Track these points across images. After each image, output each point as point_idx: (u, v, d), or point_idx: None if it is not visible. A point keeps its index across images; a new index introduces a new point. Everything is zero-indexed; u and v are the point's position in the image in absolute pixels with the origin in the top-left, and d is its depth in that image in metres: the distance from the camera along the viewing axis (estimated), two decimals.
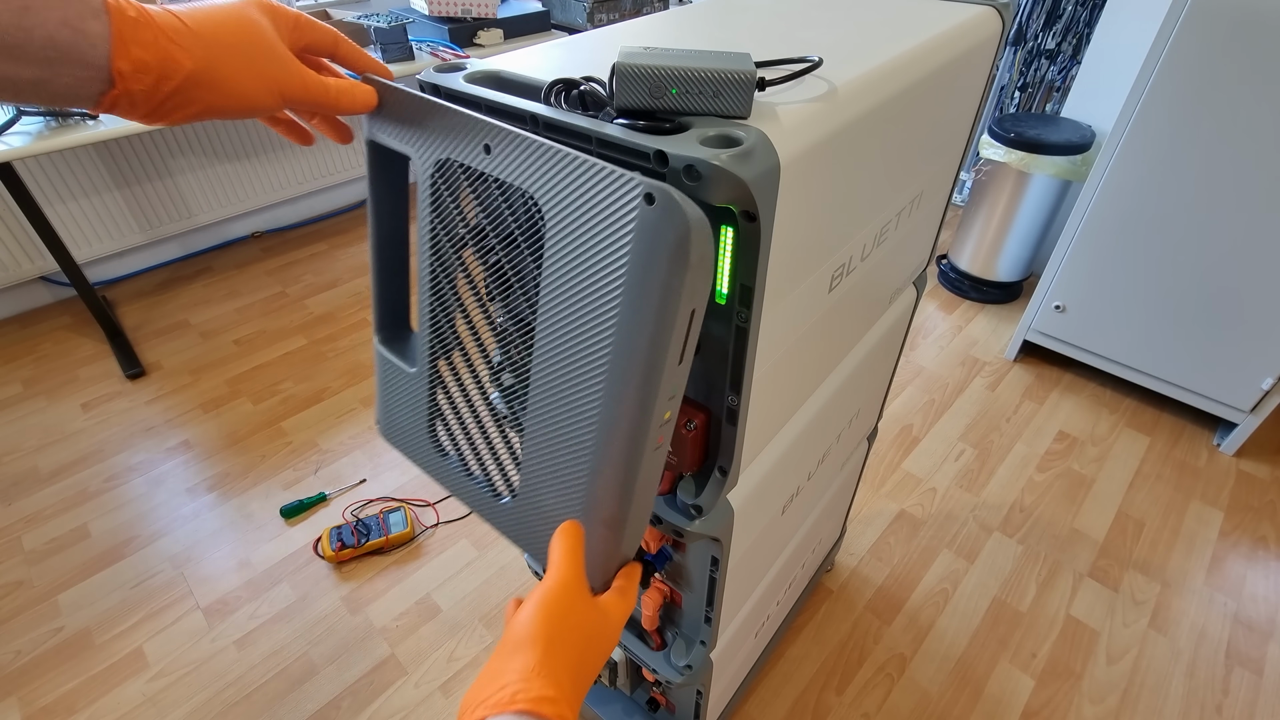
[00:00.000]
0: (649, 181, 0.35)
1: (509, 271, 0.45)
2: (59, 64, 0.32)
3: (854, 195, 0.54)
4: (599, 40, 0.57)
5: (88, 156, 2.06)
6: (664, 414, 0.41)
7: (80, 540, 1.46)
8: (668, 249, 0.35)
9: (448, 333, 0.51)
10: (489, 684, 0.37)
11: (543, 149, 0.38)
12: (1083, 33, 2.21)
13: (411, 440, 0.59)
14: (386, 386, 0.59)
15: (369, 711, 1.18)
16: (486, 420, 0.52)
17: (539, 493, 0.48)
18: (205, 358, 1.97)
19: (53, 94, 0.34)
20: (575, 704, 0.38)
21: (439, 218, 0.47)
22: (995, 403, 1.83)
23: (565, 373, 0.42)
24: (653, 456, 0.43)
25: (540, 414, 0.45)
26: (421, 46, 2.13)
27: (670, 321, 0.37)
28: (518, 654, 0.38)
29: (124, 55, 0.33)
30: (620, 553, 0.47)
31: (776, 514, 0.78)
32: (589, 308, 0.39)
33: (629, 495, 0.44)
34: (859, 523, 1.50)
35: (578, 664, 0.40)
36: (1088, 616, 1.32)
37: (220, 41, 0.37)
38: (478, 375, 0.51)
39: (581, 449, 0.44)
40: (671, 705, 0.98)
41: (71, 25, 0.32)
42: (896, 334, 0.92)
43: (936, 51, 0.58)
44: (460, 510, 1.53)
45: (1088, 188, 1.62)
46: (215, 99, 0.37)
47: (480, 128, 0.41)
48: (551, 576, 0.43)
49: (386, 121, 0.46)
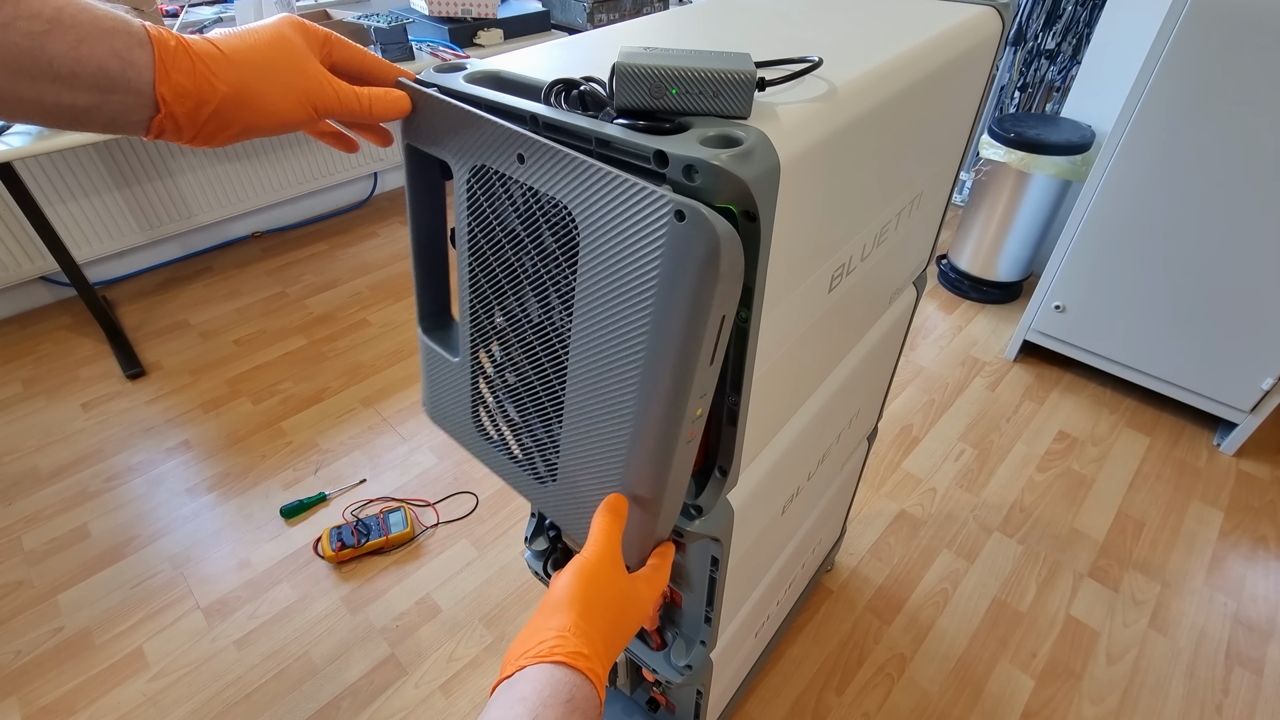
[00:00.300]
0: (679, 199, 0.35)
1: (544, 275, 0.46)
2: (110, 91, 0.35)
3: (854, 195, 0.54)
4: (599, 40, 0.57)
5: (88, 156, 2.06)
6: (696, 410, 0.43)
7: (80, 540, 1.46)
8: (697, 263, 0.36)
9: (487, 326, 0.52)
10: (529, 639, 0.40)
11: (575, 162, 0.39)
12: (1083, 33, 2.21)
13: (456, 424, 0.61)
14: (431, 373, 0.61)
15: (369, 711, 1.18)
16: (528, 409, 0.53)
17: (578, 478, 0.51)
18: (205, 358, 1.97)
19: (106, 120, 0.36)
20: (606, 665, 0.41)
21: (476, 220, 0.48)
22: (995, 403, 1.83)
23: (601, 370, 0.44)
24: (685, 448, 0.45)
25: (578, 406, 0.47)
26: (421, 46, 2.13)
27: (701, 328, 0.38)
28: (555, 614, 0.41)
29: (165, 81, 0.36)
30: (655, 534, 0.50)
31: (776, 514, 0.78)
32: (623, 312, 0.41)
33: (663, 483, 0.46)
34: (859, 523, 1.50)
35: (610, 630, 0.43)
36: (1088, 616, 1.32)
37: (253, 63, 0.39)
38: (519, 367, 0.52)
39: (617, 440, 0.46)
40: (671, 705, 0.98)
41: (120, 55, 0.35)
42: (896, 334, 0.92)
43: (936, 51, 0.58)
44: (460, 510, 1.53)
45: (1088, 188, 1.62)
46: (253, 118, 0.40)
47: (513, 138, 0.41)
48: (589, 549, 0.46)
49: (422, 127, 0.47)
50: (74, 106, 0.35)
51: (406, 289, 2.28)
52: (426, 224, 0.54)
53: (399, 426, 1.74)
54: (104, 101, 0.35)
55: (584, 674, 0.38)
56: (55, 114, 0.35)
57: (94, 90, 0.35)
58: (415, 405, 1.81)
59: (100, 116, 0.36)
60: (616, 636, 0.44)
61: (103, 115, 0.36)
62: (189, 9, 2.11)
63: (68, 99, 0.34)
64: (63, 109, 0.35)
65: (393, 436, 1.71)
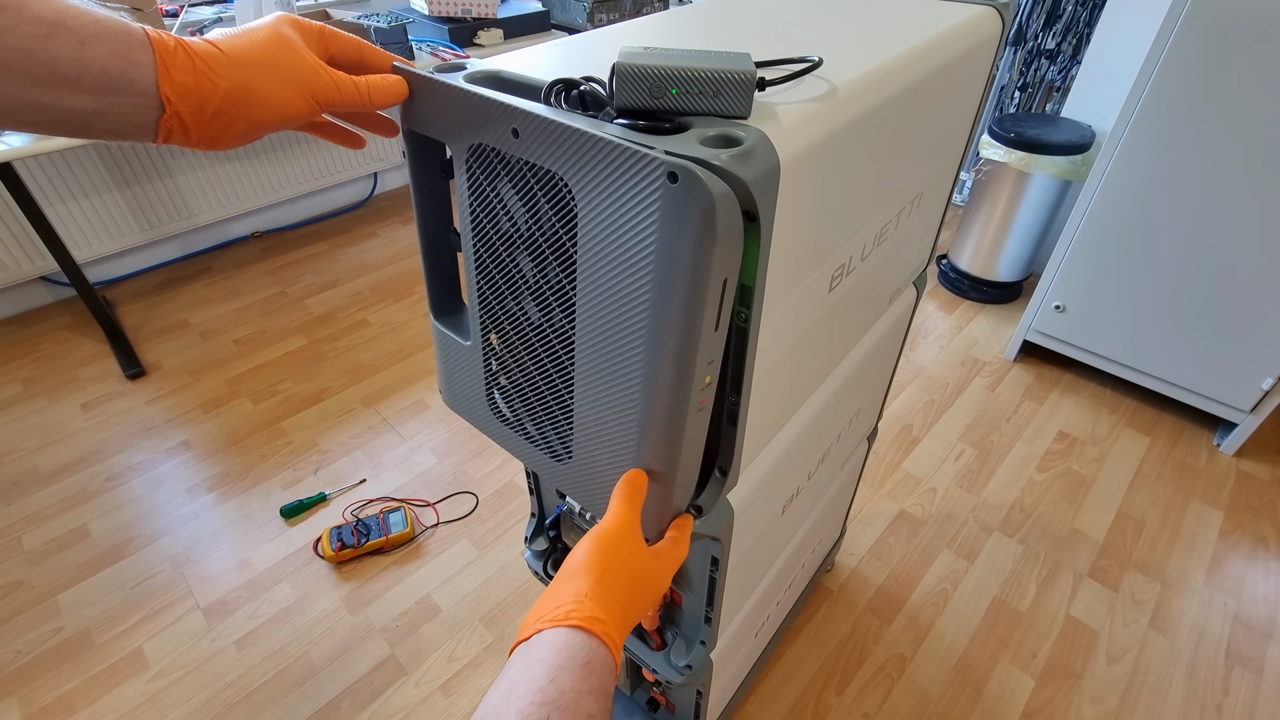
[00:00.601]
0: (671, 160, 0.35)
1: (546, 250, 0.46)
2: (115, 93, 0.36)
3: (854, 195, 0.54)
4: (599, 40, 0.57)
5: (88, 156, 2.06)
6: (704, 378, 0.43)
7: (80, 540, 1.46)
8: (694, 225, 0.36)
9: (495, 307, 0.53)
10: (546, 604, 0.41)
11: (566, 132, 0.39)
12: (1083, 33, 2.21)
13: (472, 408, 0.62)
14: (445, 358, 0.61)
15: (369, 711, 1.18)
16: (540, 387, 0.54)
17: (594, 454, 0.51)
18: (205, 358, 1.97)
19: (114, 124, 0.37)
20: (622, 631, 0.41)
21: (477, 199, 0.48)
22: (995, 403, 1.83)
23: (608, 342, 0.44)
24: (696, 418, 0.45)
25: (588, 380, 0.48)
26: (421, 46, 2.13)
27: (702, 292, 0.38)
28: (572, 580, 0.42)
29: (167, 80, 0.37)
30: (673, 505, 0.51)
31: (776, 514, 0.78)
32: (625, 281, 0.41)
33: (676, 454, 0.46)
34: (859, 523, 1.50)
35: (627, 598, 0.43)
36: (1088, 616, 1.32)
37: (252, 59, 0.40)
38: (530, 346, 0.53)
39: (629, 412, 0.46)
40: (671, 705, 0.98)
41: (121, 56, 0.36)
42: (896, 334, 0.92)
43: (936, 51, 0.58)
44: (460, 510, 1.53)
45: (1088, 188, 1.62)
46: (256, 113, 0.40)
47: (507, 112, 0.41)
48: (607, 519, 0.46)
49: (420, 110, 0.48)
50: (81, 110, 0.36)
51: (406, 289, 2.28)
52: (431, 209, 0.54)
53: (399, 426, 1.74)
54: (109, 104, 0.36)
55: (600, 639, 0.38)
56: (62, 120, 0.36)
57: (99, 93, 0.35)
58: (415, 405, 1.81)
59: (107, 121, 0.37)
60: (634, 605, 0.44)
61: (109, 119, 0.37)
62: (189, 9, 2.11)
63: (73, 102, 0.35)
64: (69, 114, 0.35)
65: (393, 436, 1.71)
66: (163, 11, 1.99)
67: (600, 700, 0.36)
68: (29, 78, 0.33)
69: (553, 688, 0.35)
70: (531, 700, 0.34)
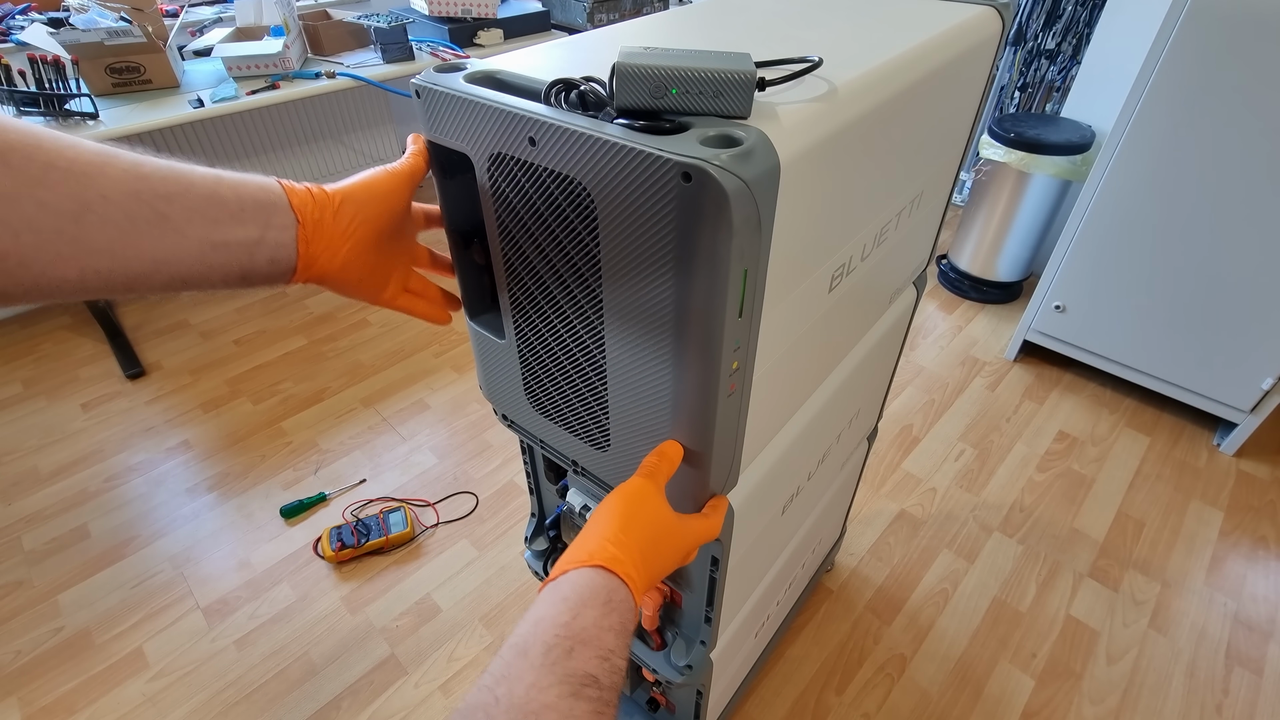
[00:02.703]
0: (683, 160, 0.36)
1: (571, 249, 0.47)
2: (271, 212, 0.41)
3: (854, 195, 0.54)
4: (599, 40, 0.57)
5: None
6: (732, 364, 0.45)
7: (80, 540, 1.46)
8: (710, 220, 0.37)
9: (526, 305, 0.54)
10: (576, 550, 0.44)
11: (581, 138, 0.40)
12: (1083, 33, 2.21)
13: (511, 401, 0.64)
14: (483, 356, 0.64)
15: (369, 711, 1.18)
16: (574, 380, 0.56)
17: (631, 442, 0.54)
18: (205, 358, 1.97)
19: (268, 252, 0.42)
20: (642, 574, 0.44)
21: (502, 206, 0.49)
22: (995, 403, 1.83)
23: (636, 335, 0.46)
24: (727, 403, 0.47)
25: (620, 371, 0.50)
26: (421, 46, 2.13)
27: (723, 284, 0.39)
28: (596, 526, 0.45)
29: (294, 192, 0.43)
30: (709, 487, 0.53)
31: (776, 514, 0.78)
32: (648, 278, 0.42)
33: (709, 438, 0.49)
34: (859, 523, 1.50)
35: (649, 546, 0.46)
36: (1088, 616, 1.32)
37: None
38: (561, 340, 0.54)
39: (661, 400, 0.48)
40: (671, 705, 0.98)
41: (260, 185, 0.42)
42: (896, 334, 0.92)
43: (936, 51, 0.58)
44: (460, 510, 1.53)
45: (1088, 188, 1.62)
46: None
47: (523, 121, 0.42)
48: (631, 479, 0.49)
49: (439, 124, 0.49)
50: (246, 241, 0.40)
51: None
52: (458, 217, 0.56)
53: (399, 426, 1.74)
54: (266, 229, 0.41)
55: (621, 578, 0.41)
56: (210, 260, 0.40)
57: (257, 222, 0.41)
58: (415, 405, 1.81)
59: (264, 249, 0.41)
60: (656, 556, 0.46)
61: (264, 248, 0.41)
62: (189, 9, 2.11)
63: (235, 236, 0.40)
64: (232, 248, 0.40)
65: (393, 436, 1.71)
66: (163, 12, 1.99)
67: (620, 637, 0.39)
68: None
69: (576, 623, 0.37)
70: (556, 633, 0.37)
